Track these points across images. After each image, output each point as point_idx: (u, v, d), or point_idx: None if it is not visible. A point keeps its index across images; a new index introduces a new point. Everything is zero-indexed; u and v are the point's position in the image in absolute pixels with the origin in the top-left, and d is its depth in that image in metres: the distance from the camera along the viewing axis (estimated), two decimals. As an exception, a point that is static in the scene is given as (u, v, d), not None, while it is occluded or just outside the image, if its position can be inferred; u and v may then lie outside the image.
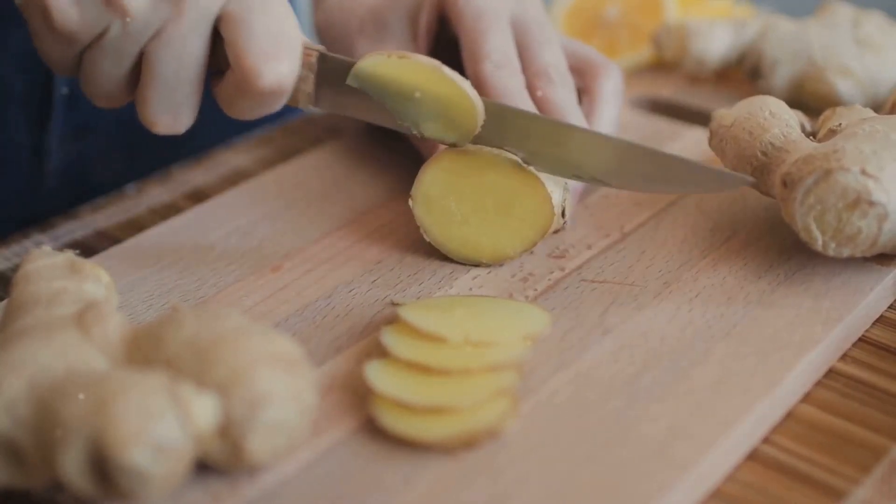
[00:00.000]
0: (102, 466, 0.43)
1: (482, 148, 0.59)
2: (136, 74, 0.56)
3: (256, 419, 0.46)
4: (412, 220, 0.61)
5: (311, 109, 0.60)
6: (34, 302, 0.50)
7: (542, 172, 0.59)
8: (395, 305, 0.58)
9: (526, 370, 0.53)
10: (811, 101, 0.76)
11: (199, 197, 0.71)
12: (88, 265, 0.53)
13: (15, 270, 0.53)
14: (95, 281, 0.52)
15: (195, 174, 0.74)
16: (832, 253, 0.57)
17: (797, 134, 0.60)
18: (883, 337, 0.58)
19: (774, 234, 0.63)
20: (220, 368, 0.46)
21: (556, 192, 0.59)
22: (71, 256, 0.53)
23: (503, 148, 0.59)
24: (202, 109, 0.59)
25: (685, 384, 0.52)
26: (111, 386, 0.44)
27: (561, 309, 0.58)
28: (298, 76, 0.57)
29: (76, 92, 0.77)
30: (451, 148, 0.59)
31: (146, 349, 0.48)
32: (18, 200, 0.79)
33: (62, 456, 0.44)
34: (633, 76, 0.83)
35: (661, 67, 0.84)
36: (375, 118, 0.60)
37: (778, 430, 0.52)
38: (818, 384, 0.55)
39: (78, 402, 0.44)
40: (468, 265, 0.61)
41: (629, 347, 0.55)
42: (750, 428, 0.51)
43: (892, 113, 0.65)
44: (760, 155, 0.60)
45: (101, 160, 0.81)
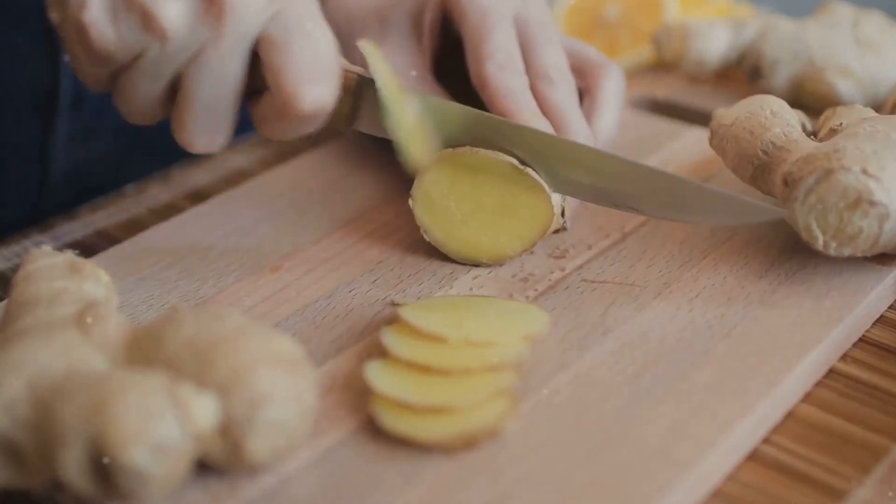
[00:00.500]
0: (102, 466, 0.43)
1: (480, 150, 0.59)
2: (171, 94, 0.56)
3: (256, 419, 0.46)
4: (412, 220, 0.61)
5: (349, 131, 0.59)
6: (34, 302, 0.50)
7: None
8: (395, 305, 0.58)
9: (526, 370, 0.53)
10: (811, 101, 0.76)
11: (199, 197, 0.71)
12: (88, 265, 0.53)
13: (15, 270, 0.53)
14: (95, 281, 0.52)
15: (195, 174, 0.74)
16: (833, 253, 0.57)
17: (798, 133, 0.60)
18: (883, 337, 0.58)
19: (775, 234, 0.63)
20: (220, 368, 0.46)
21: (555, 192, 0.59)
22: (71, 256, 0.53)
23: (502, 151, 0.59)
24: None
25: (685, 384, 0.52)
26: (111, 386, 0.44)
27: (561, 309, 0.58)
28: (337, 99, 0.57)
29: (81, 94, 0.77)
30: (450, 149, 0.59)
31: (146, 349, 0.48)
32: (23, 202, 0.79)
33: (62, 456, 0.44)
34: (633, 76, 0.83)
35: (661, 67, 0.84)
36: None
37: (778, 430, 0.52)
38: (818, 384, 0.55)
39: (78, 402, 0.44)
40: (468, 265, 0.61)
41: (629, 347, 0.55)
42: (750, 428, 0.51)
43: (892, 113, 0.65)
44: (761, 154, 0.60)
45: (105, 162, 0.81)
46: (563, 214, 0.61)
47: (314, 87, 0.54)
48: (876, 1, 0.91)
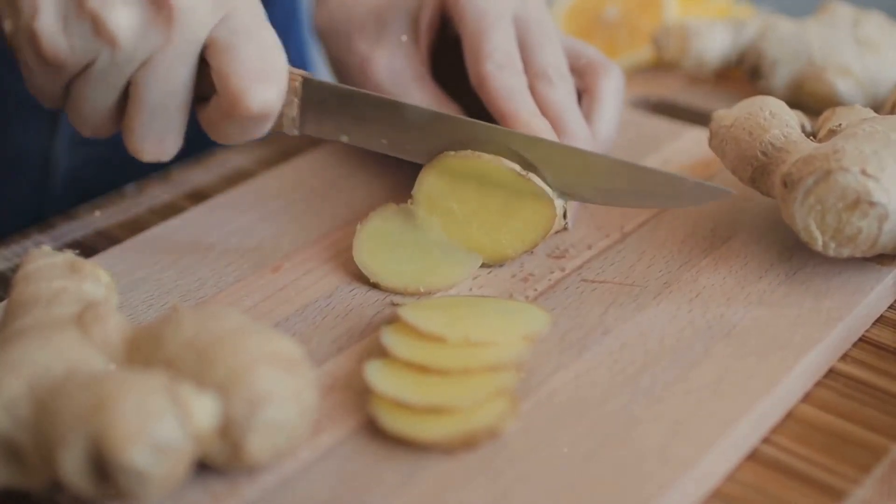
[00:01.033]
0: (102, 466, 0.43)
1: (482, 155, 0.59)
2: (122, 104, 0.57)
3: (256, 419, 0.46)
4: (412, 220, 0.61)
5: (295, 133, 0.60)
6: (34, 302, 0.50)
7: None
8: (395, 305, 0.58)
9: (526, 370, 0.53)
10: (811, 101, 0.76)
11: (199, 197, 0.71)
12: (88, 265, 0.53)
13: (15, 270, 0.53)
14: (95, 281, 0.52)
15: (195, 174, 0.74)
16: (832, 253, 0.57)
17: (797, 134, 0.60)
18: (883, 337, 0.58)
19: (774, 234, 0.63)
20: (219, 368, 0.46)
21: (556, 192, 0.59)
22: (71, 256, 0.53)
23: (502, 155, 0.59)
24: None
25: (685, 384, 0.52)
26: (111, 386, 0.44)
27: (561, 309, 0.58)
28: (283, 101, 0.58)
29: None
30: (452, 153, 0.59)
31: (146, 349, 0.48)
32: (27, 205, 0.79)
33: (62, 456, 0.44)
34: (633, 76, 0.83)
35: (661, 67, 0.84)
36: (360, 142, 0.61)
37: (778, 430, 0.52)
38: (818, 384, 0.55)
39: (78, 401, 0.44)
40: (468, 265, 0.61)
41: (629, 347, 0.55)
42: (750, 428, 0.51)
43: (892, 113, 0.65)
44: (760, 155, 0.60)
45: (107, 164, 0.81)
46: (564, 216, 0.61)
47: (260, 88, 0.55)
48: (876, 1, 0.91)
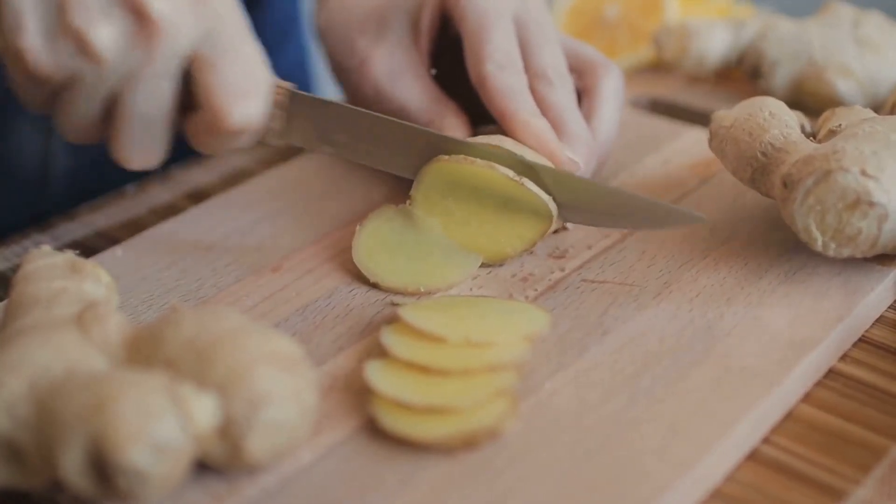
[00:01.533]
0: (102, 466, 0.43)
1: (476, 161, 0.59)
2: (108, 113, 0.57)
3: (256, 419, 0.46)
4: (412, 220, 0.61)
5: (278, 143, 0.61)
6: (34, 302, 0.50)
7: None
8: (395, 305, 0.58)
9: (526, 370, 0.53)
10: (811, 101, 0.76)
11: (199, 197, 0.71)
12: (88, 265, 0.53)
13: (15, 270, 0.53)
14: (95, 281, 0.52)
15: (195, 174, 0.74)
16: (832, 254, 0.57)
17: (797, 135, 0.60)
18: (883, 337, 0.58)
19: (774, 234, 0.63)
20: (219, 368, 0.46)
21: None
22: (71, 256, 0.53)
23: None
24: None
25: (685, 384, 0.52)
26: (111, 386, 0.44)
27: (561, 309, 0.58)
28: (267, 114, 0.58)
29: None
30: (447, 157, 0.59)
31: (146, 349, 0.48)
32: (25, 205, 0.79)
33: (62, 456, 0.44)
34: (633, 76, 0.83)
35: (661, 67, 0.84)
36: (345, 154, 0.61)
37: (778, 430, 0.52)
38: (818, 384, 0.55)
39: (78, 401, 0.44)
40: (468, 265, 0.61)
41: (629, 347, 0.55)
42: (750, 428, 0.51)
43: (892, 113, 0.65)
44: (760, 156, 0.60)
45: (105, 164, 0.81)
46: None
47: (243, 102, 0.56)
48: (876, 1, 0.91)
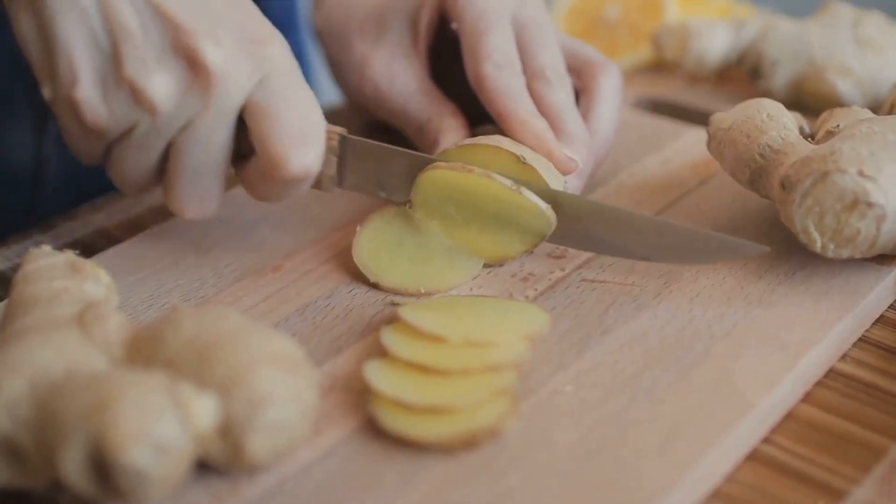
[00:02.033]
0: (103, 466, 0.43)
1: (474, 169, 0.58)
2: (163, 163, 0.57)
3: (257, 419, 0.46)
4: (412, 220, 0.61)
5: (333, 191, 0.61)
6: (34, 302, 0.50)
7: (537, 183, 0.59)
8: (395, 305, 0.58)
9: (526, 370, 0.53)
10: (811, 101, 0.76)
11: (199, 197, 0.71)
12: (88, 265, 0.53)
13: (15, 270, 0.53)
14: (95, 281, 0.52)
15: (195, 174, 0.74)
16: (831, 254, 0.57)
17: (795, 136, 0.60)
18: (883, 337, 0.58)
19: (774, 234, 0.63)
20: (220, 368, 0.46)
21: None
22: (71, 256, 0.53)
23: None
24: None
25: (685, 384, 0.52)
26: (111, 386, 0.44)
27: (561, 309, 0.58)
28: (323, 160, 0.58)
29: None
30: (444, 164, 0.59)
31: (146, 349, 0.48)
32: (19, 205, 0.79)
33: (62, 456, 0.44)
34: (633, 76, 0.83)
35: (661, 67, 0.84)
36: (398, 197, 0.61)
37: (778, 430, 0.52)
38: (818, 384, 0.55)
39: (78, 402, 0.44)
40: (468, 265, 0.61)
41: (629, 347, 0.55)
42: (750, 428, 0.51)
43: (890, 114, 0.65)
44: (758, 158, 0.60)
45: (99, 166, 0.81)
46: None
47: (300, 150, 0.56)
48: (876, 1, 0.91)
